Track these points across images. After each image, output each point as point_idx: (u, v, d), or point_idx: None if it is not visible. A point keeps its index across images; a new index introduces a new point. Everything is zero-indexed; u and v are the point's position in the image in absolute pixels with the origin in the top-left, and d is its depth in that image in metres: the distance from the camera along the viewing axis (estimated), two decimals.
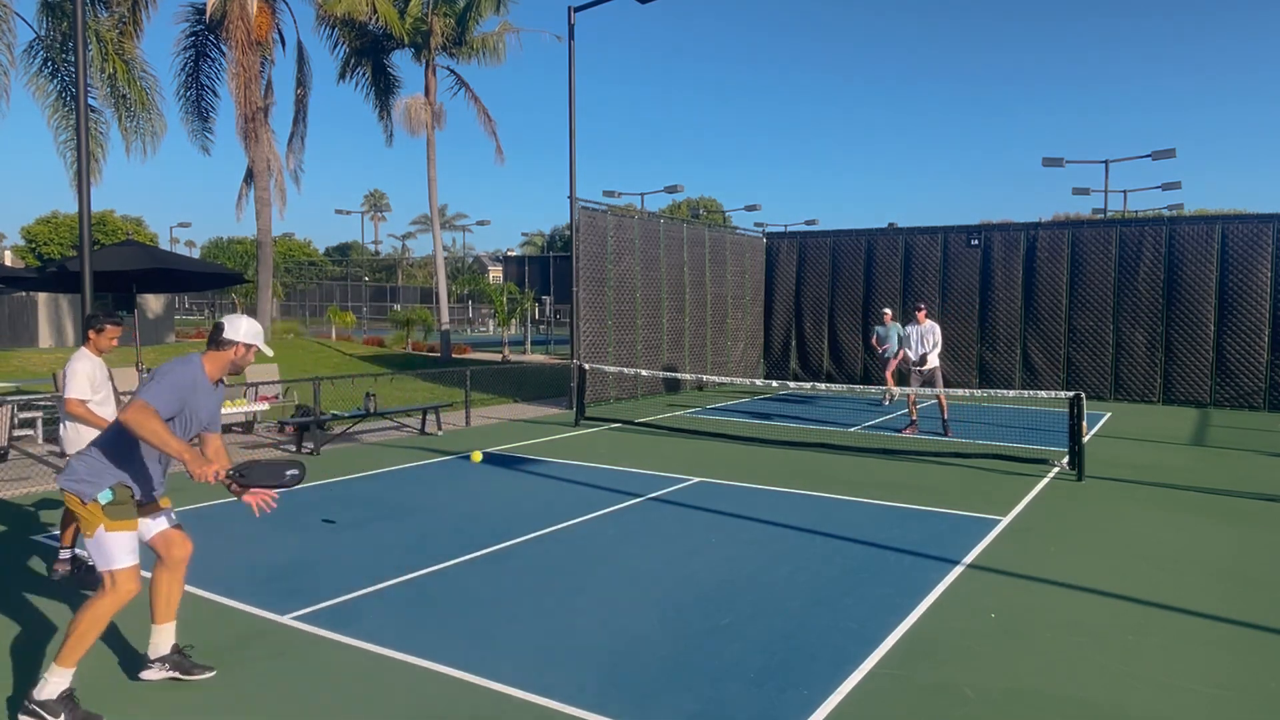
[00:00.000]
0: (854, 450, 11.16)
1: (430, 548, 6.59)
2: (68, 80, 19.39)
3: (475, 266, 71.05)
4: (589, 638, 4.86)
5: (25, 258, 50.12)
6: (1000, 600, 5.53)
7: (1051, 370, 17.89)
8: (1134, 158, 57.09)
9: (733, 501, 8.24)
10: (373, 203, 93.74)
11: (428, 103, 25.04)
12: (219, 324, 4.21)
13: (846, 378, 19.84)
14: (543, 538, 6.94)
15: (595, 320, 15.76)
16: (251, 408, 11.99)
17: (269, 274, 26.75)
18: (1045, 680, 4.36)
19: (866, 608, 5.35)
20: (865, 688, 4.25)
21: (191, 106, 25.48)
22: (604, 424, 13.46)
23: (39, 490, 8.65)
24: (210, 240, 59.87)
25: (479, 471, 9.76)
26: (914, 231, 19.63)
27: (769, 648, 4.72)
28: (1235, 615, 5.28)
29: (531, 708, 4.02)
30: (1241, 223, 16.66)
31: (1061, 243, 17.94)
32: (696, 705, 4.05)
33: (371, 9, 23.43)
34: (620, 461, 10.34)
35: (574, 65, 15.16)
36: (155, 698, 4.13)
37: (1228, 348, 16.38)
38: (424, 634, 4.88)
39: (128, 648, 4.69)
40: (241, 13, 23.44)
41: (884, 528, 7.29)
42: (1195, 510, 8.06)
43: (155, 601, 4.31)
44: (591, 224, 15.67)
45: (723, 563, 6.28)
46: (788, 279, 20.99)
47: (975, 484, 9.12)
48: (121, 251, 11.50)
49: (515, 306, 32.03)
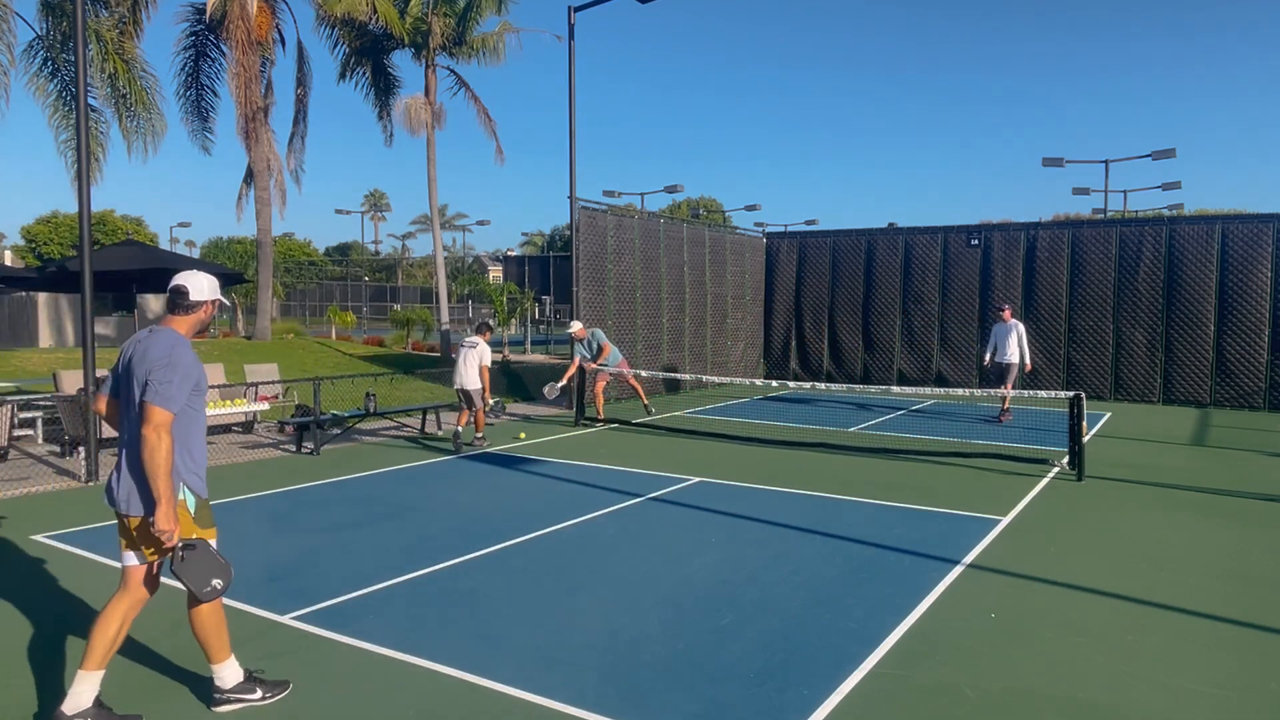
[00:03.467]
0: (854, 450, 11.16)
1: (430, 547, 6.59)
2: (68, 80, 19.38)
3: (475, 266, 71.10)
4: (589, 638, 4.86)
5: (25, 258, 50.12)
6: (1000, 600, 5.53)
7: (1051, 370, 17.89)
8: (1134, 158, 57.14)
9: (733, 501, 8.24)
10: (373, 203, 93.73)
11: (428, 103, 25.02)
12: (180, 288, 3.89)
13: (846, 378, 19.85)
14: (543, 538, 6.94)
15: (595, 320, 15.75)
16: (251, 408, 11.99)
17: (269, 274, 26.73)
18: (1045, 680, 4.36)
19: (866, 608, 5.35)
20: (865, 688, 4.25)
21: (191, 106, 25.46)
22: (604, 424, 13.46)
23: (39, 490, 8.65)
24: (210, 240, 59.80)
25: (479, 471, 9.76)
26: (914, 231, 19.63)
27: (769, 648, 4.72)
28: (1235, 615, 5.28)
29: (531, 708, 4.02)
30: (1241, 223, 16.66)
31: (1061, 243, 17.94)
32: (696, 705, 4.05)
33: (371, 9, 23.41)
34: (620, 461, 10.34)
35: (574, 65, 15.17)
36: (155, 698, 4.13)
37: (1228, 348, 16.38)
38: (424, 634, 4.88)
39: (134, 647, 4.69)
40: (241, 13, 23.42)
41: (884, 528, 7.29)
42: (1195, 510, 8.06)
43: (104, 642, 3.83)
44: (591, 224, 15.68)
45: (723, 563, 6.28)
46: (788, 279, 21.00)
47: (975, 484, 9.12)
48: (121, 251, 11.53)
49: (515, 306, 32.03)
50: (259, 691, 4.05)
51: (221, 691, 4.00)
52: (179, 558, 3.73)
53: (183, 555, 3.73)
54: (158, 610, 5.32)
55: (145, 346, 3.79)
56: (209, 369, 13.25)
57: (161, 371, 3.66)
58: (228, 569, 3.86)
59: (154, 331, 3.84)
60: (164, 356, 3.71)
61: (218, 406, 11.34)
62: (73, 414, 10.34)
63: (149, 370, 3.66)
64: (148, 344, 3.80)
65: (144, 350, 3.78)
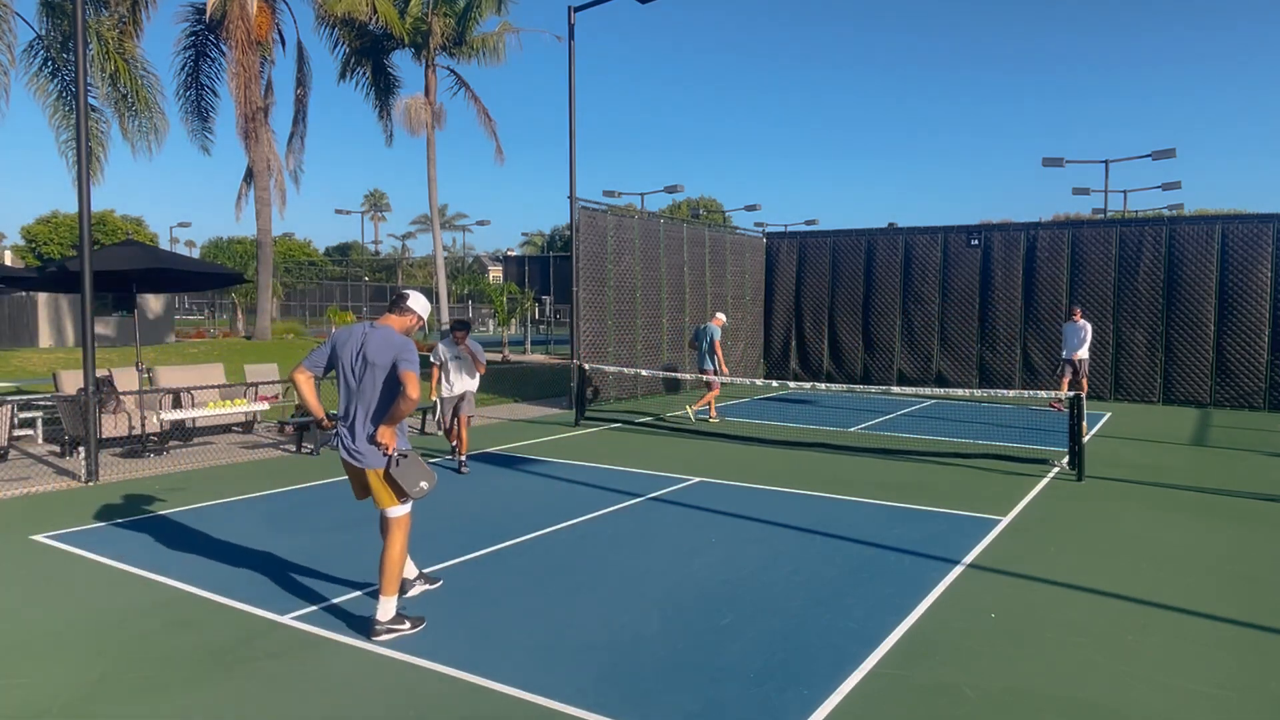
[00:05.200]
0: (854, 450, 11.16)
1: (430, 547, 6.59)
2: (68, 80, 19.39)
3: (475, 266, 71.11)
4: (589, 637, 4.86)
5: (25, 258, 50.14)
6: (1000, 600, 5.53)
7: (1051, 370, 17.89)
8: (1134, 158, 57.03)
9: (733, 501, 8.24)
10: (373, 203, 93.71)
11: (428, 102, 25.04)
12: (403, 293, 5.22)
13: (846, 378, 19.86)
14: (543, 537, 6.94)
15: (595, 320, 15.76)
16: (251, 407, 11.99)
17: (269, 274, 26.75)
18: (1045, 680, 4.36)
19: (866, 608, 5.35)
20: (865, 688, 4.25)
21: (191, 106, 25.50)
22: (604, 424, 13.46)
23: (39, 490, 8.65)
24: (210, 240, 59.86)
25: (479, 471, 9.76)
26: (914, 231, 19.64)
27: (769, 648, 4.72)
28: (1235, 615, 5.28)
29: (531, 708, 4.02)
30: (1241, 223, 16.66)
31: (1061, 243, 17.94)
32: (696, 705, 4.05)
33: (371, 9, 23.43)
34: (620, 461, 10.34)
35: (574, 65, 15.16)
36: (158, 699, 4.13)
37: (1228, 348, 16.38)
38: (424, 634, 4.88)
39: (129, 643, 4.69)
40: (241, 13, 23.43)
41: (884, 528, 7.29)
42: (1195, 510, 8.06)
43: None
44: (591, 224, 15.68)
45: (723, 562, 6.28)
46: (788, 279, 21.00)
47: (975, 484, 9.12)
48: (121, 251, 11.49)
49: (515, 306, 32.03)
50: (408, 624, 4.85)
51: (380, 623, 4.77)
52: (395, 463, 4.77)
53: (398, 461, 4.79)
54: (152, 611, 5.32)
55: (378, 335, 4.90)
56: (209, 369, 13.26)
57: (409, 353, 4.83)
58: (433, 475, 4.95)
59: (377, 326, 4.98)
60: (406, 342, 4.89)
61: (218, 406, 11.34)
62: (73, 414, 10.34)
63: (398, 352, 4.79)
64: (379, 334, 4.91)
65: (380, 338, 4.88)
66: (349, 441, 4.91)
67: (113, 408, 10.77)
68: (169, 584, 5.76)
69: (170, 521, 7.43)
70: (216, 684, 4.28)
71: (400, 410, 4.76)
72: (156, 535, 6.96)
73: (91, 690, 4.19)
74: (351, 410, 4.92)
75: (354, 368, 4.90)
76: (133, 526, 7.24)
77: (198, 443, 11.57)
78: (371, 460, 4.85)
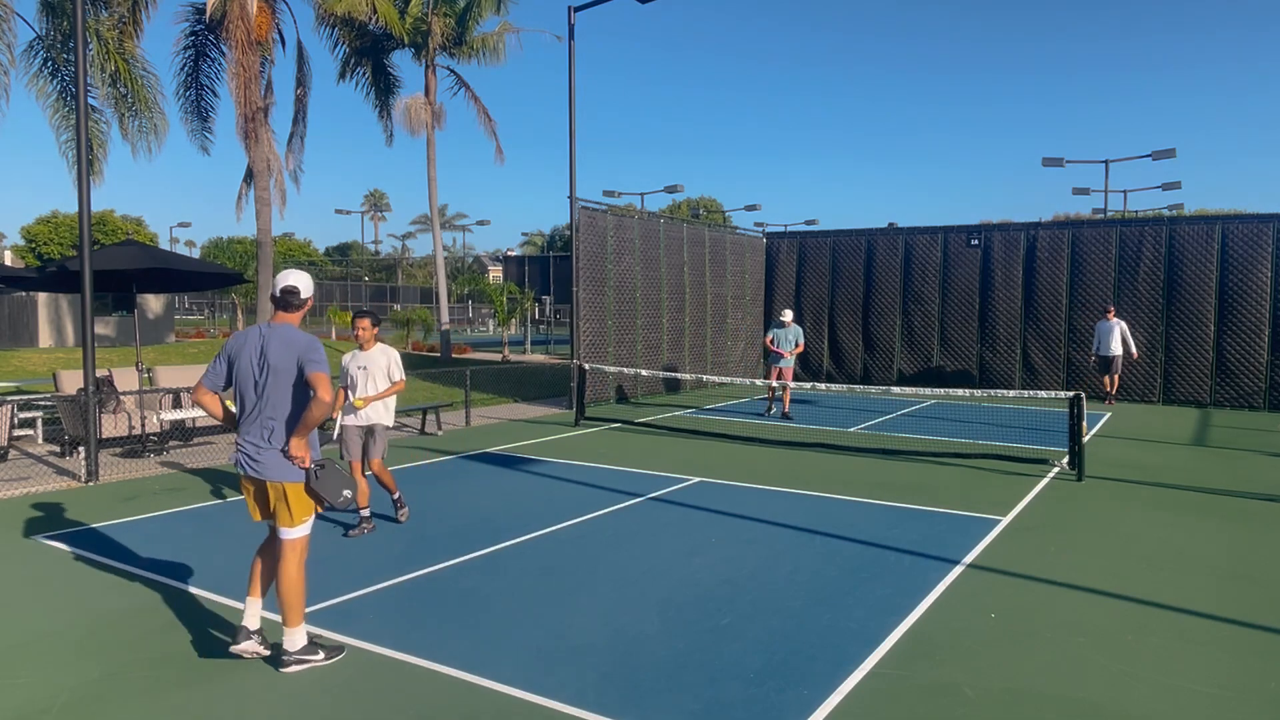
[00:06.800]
0: (854, 450, 11.16)
1: (430, 547, 6.59)
2: (68, 80, 19.37)
3: (475, 266, 71.14)
4: (589, 637, 4.86)
5: (25, 258, 50.12)
6: (1000, 600, 5.53)
7: (1051, 370, 17.90)
8: (1134, 158, 57.19)
9: (733, 501, 8.24)
10: (373, 202, 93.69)
11: (428, 102, 25.04)
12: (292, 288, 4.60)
13: (846, 378, 19.86)
14: (543, 538, 6.94)
15: (595, 320, 15.76)
16: None
17: (269, 274, 26.69)
18: (1045, 680, 4.36)
19: (866, 608, 5.35)
20: (865, 688, 4.25)
21: (191, 106, 25.43)
22: (604, 424, 13.46)
23: (39, 490, 8.65)
24: (210, 240, 59.85)
25: (479, 472, 9.76)
26: (914, 231, 19.64)
27: (769, 647, 4.72)
28: (1235, 615, 5.28)
29: (531, 708, 4.02)
30: (1241, 223, 16.66)
31: (1061, 243, 17.94)
32: (696, 705, 4.05)
33: (371, 9, 23.42)
34: (620, 461, 10.34)
35: (574, 65, 15.16)
36: (157, 698, 4.13)
37: (1228, 348, 16.38)
38: (423, 634, 4.88)
39: (128, 636, 4.69)
40: (241, 13, 23.40)
41: (884, 528, 7.29)
42: (1195, 510, 8.06)
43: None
44: (591, 224, 15.68)
45: (723, 562, 6.28)
46: (788, 279, 21.00)
47: (975, 484, 9.12)
48: (121, 251, 11.49)
49: (515, 306, 32.03)
50: (321, 654, 4.51)
51: (289, 654, 4.43)
52: (314, 475, 4.42)
53: (317, 473, 4.43)
54: (151, 611, 5.33)
55: (277, 336, 4.44)
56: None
57: (315, 352, 4.41)
58: (355, 483, 4.62)
59: (273, 327, 4.51)
60: (310, 340, 4.46)
61: None
62: (73, 414, 10.34)
63: (301, 353, 4.38)
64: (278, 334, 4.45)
65: (281, 339, 4.43)
66: (254, 455, 4.42)
67: (113, 408, 10.76)
68: (168, 584, 5.76)
69: (170, 522, 7.43)
70: (216, 684, 4.28)
71: (313, 417, 4.30)
72: (156, 535, 6.96)
73: (91, 690, 4.19)
74: (253, 421, 4.45)
75: (256, 375, 4.42)
76: (132, 527, 7.24)
77: (198, 443, 11.57)
78: (285, 474, 4.40)
